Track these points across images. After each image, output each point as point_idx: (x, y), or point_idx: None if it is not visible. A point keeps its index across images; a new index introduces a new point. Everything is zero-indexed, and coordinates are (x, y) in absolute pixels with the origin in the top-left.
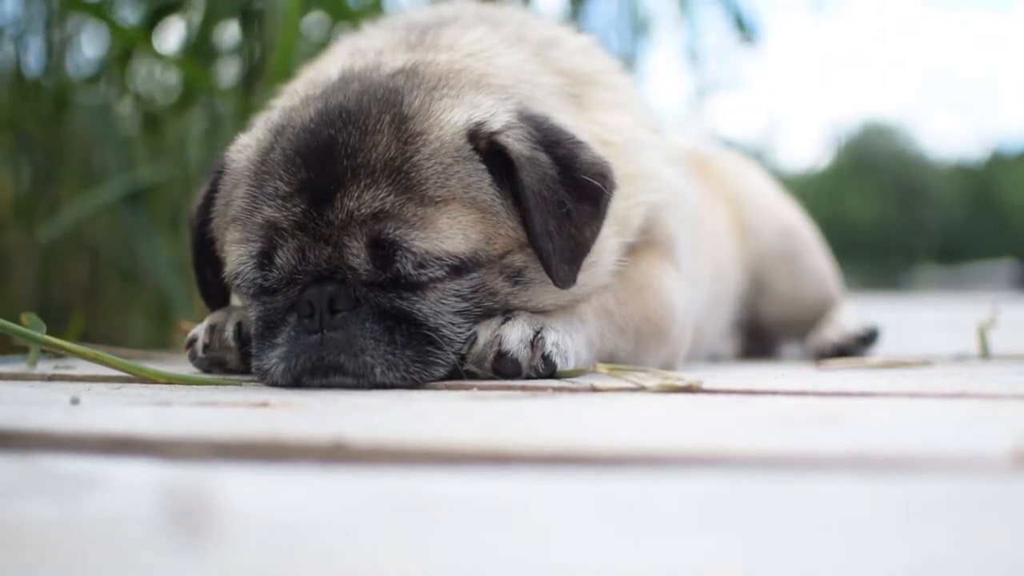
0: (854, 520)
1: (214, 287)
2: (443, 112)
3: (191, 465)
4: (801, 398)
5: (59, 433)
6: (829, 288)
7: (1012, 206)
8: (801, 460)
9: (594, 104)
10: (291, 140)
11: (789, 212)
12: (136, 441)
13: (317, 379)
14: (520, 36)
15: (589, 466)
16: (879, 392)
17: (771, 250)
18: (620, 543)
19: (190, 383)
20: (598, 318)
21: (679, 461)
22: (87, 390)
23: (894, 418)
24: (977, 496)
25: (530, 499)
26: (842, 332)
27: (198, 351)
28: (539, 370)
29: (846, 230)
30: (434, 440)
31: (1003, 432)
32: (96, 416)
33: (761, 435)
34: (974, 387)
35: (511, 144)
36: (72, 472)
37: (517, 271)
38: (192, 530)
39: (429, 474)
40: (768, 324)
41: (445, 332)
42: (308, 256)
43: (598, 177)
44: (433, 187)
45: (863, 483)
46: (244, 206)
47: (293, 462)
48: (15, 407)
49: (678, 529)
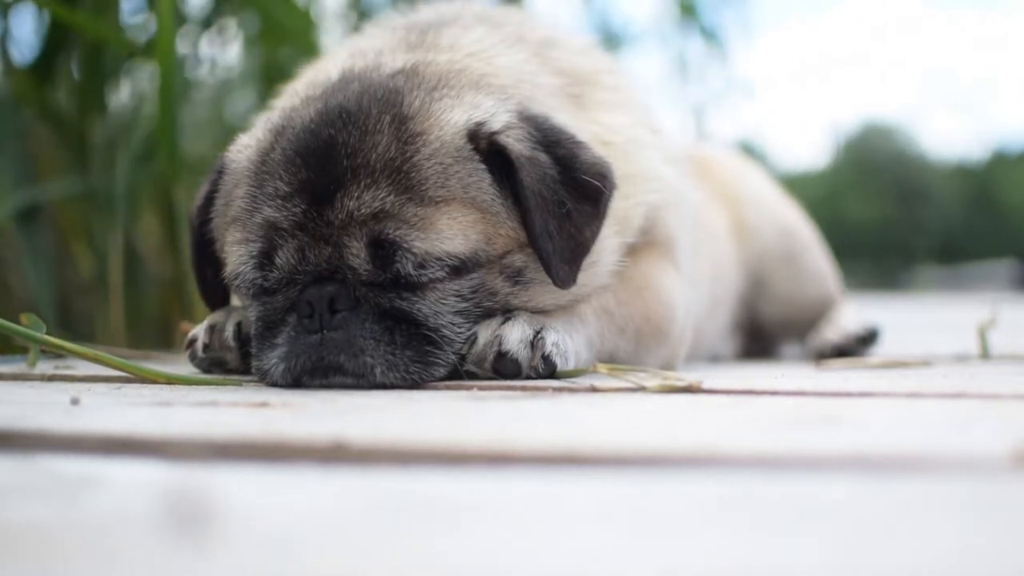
0: (854, 520)
1: (214, 287)
2: (443, 112)
3: (191, 465)
4: (801, 398)
5: (59, 433)
6: (829, 288)
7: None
8: (801, 460)
9: (594, 104)
10: (291, 140)
11: (789, 212)
12: (136, 441)
13: (317, 379)
14: (520, 36)
15: (589, 466)
16: (879, 392)
17: (771, 250)
18: (620, 543)
19: (190, 383)
20: (598, 318)
21: (679, 461)
22: (87, 390)
23: (894, 418)
24: (977, 496)
25: (530, 499)
26: (842, 332)
27: (198, 351)
28: (539, 370)
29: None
30: (434, 440)
31: (1003, 432)
32: (96, 416)
33: (761, 435)
34: (974, 387)
35: (511, 144)
36: (72, 472)
37: (517, 271)
38: (192, 530)
39: (429, 474)
40: (768, 324)
41: (445, 332)
42: (308, 256)
43: (598, 177)
44: (433, 187)
45: (863, 483)
46: (244, 206)
47: (293, 462)
48: (15, 407)
49: (678, 529)
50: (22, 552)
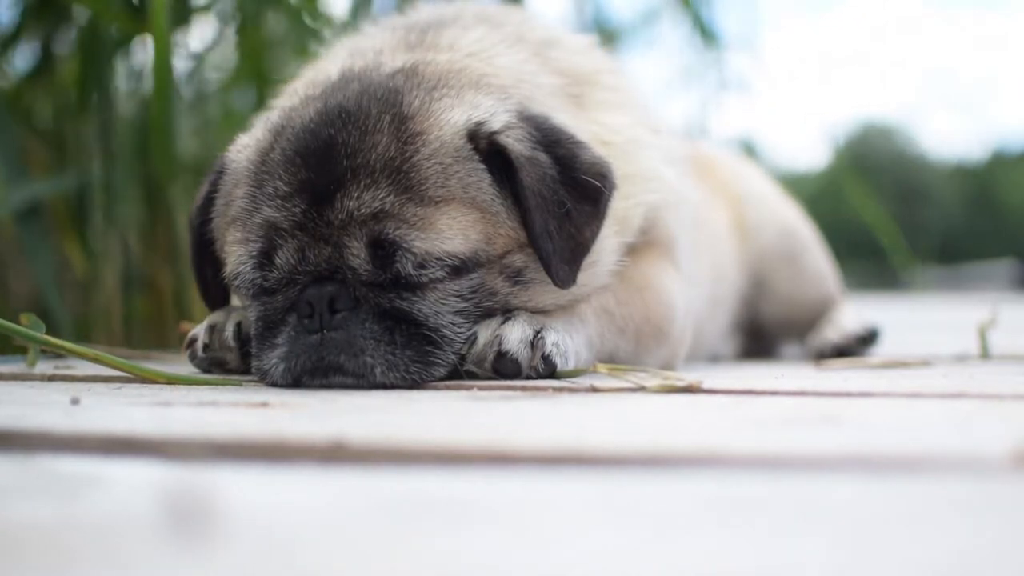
0: (854, 520)
1: (214, 287)
2: (443, 112)
3: (191, 465)
4: (801, 398)
5: (59, 433)
6: (829, 288)
7: (1012, 206)
8: (801, 460)
9: (594, 104)
10: (291, 140)
11: (789, 212)
12: (136, 441)
13: (317, 379)
14: (520, 36)
15: (589, 466)
16: (879, 392)
17: (771, 250)
18: (620, 543)
19: (190, 383)
20: (598, 318)
21: (679, 461)
22: (87, 390)
23: (894, 418)
24: (977, 496)
25: (530, 499)
26: (842, 332)
27: (198, 351)
28: (539, 370)
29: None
30: (434, 440)
31: (1003, 432)
32: (96, 416)
33: (761, 435)
34: (974, 387)
35: (511, 144)
36: (72, 472)
37: (517, 271)
38: (192, 530)
39: (429, 474)
40: (768, 324)
41: (445, 332)
42: (308, 256)
43: (598, 177)
44: (433, 187)
45: (863, 483)
46: (244, 206)
47: (293, 462)
48: (15, 407)
49: (678, 529)
50: (22, 552)
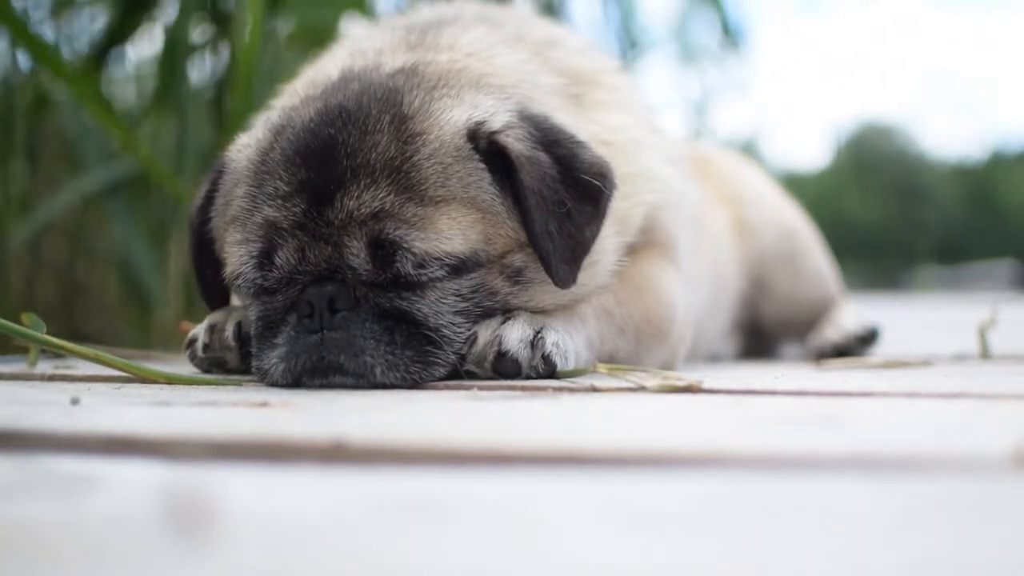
0: (854, 520)
1: (214, 287)
2: (443, 112)
3: (191, 465)
4: (801, 398)
5: (59, 433)
6: (829, 288)
7: (1012, 206)
8: (801, 460)
9: (594, 104)
10: (291, 140)
11: (789, 212)
12: (136, 441)
13: (317, 379)
14: (520, 36)
15: (589, 466)
16: (879, 392)
17: (771, 250)
18: (620, 543)
19: (190, 383)
20: (598, 318)
21: (679, 461)
22: (87, 390)
23: (894, 418)
24: (977, 496)
25: (531, 499)
26: (842, 332)
27: (198, 351)
28: (539, 370)
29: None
30: (434, 440)
31: (1003, 432)
32: (96, 416)
33: (761, 435)
34: (974, 387)
35: (511, 144)
36: (72, 472)
37: (517, 271)
38: (192, 530)
39: (429, 474)
40: (768, 324)
41: (445, 332)
42: (308, 256)
43: (598, 177)
44: (433, 187)
45: (863, 483)
46: (244, 206)
47: (293, 462)
48: (15, 407)
49: (678, 529)
50: (22, 552)
